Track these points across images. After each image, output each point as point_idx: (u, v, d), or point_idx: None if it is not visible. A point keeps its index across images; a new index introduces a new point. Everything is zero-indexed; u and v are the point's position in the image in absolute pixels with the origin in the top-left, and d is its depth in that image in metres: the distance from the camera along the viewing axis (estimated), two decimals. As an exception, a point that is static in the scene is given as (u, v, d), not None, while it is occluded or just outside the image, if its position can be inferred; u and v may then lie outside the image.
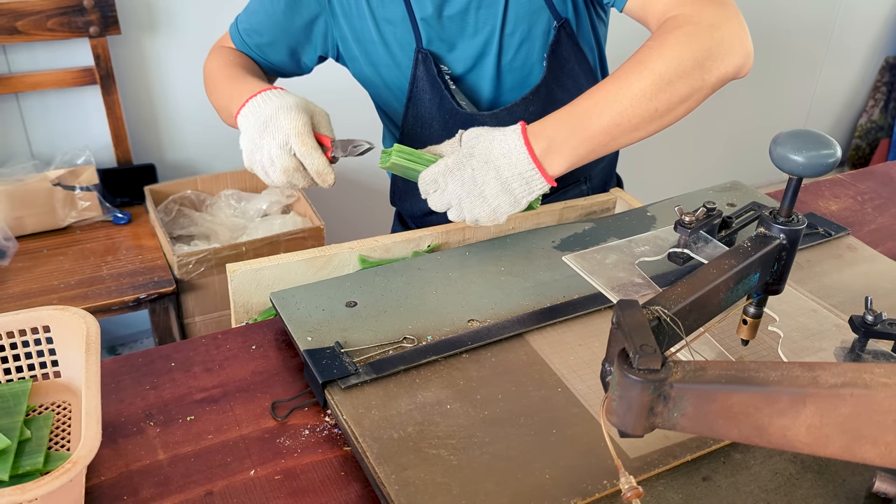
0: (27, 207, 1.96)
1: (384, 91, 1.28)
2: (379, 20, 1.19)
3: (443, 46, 1.20)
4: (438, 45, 1.19)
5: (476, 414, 0.82)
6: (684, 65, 0.95)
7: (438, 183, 0.98)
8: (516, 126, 0.98)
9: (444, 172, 0.98)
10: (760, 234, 0.78)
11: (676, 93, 0.95)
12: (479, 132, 0.99)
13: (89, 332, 0.82)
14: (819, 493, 0.76)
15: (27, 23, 1.91)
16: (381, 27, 1.19)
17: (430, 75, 1.19)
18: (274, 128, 0.98)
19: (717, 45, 0.96)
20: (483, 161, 0.96)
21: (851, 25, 3.32)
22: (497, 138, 0.97)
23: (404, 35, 1.19)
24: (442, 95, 1.20)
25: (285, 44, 1.25)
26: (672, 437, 0.80)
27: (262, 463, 0.81)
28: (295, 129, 0.97)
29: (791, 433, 0.59)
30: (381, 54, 1.22)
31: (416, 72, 1.20)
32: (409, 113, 1.23)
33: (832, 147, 0.73)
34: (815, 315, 0.98)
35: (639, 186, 1.75)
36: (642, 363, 0.58)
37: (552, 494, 0.73)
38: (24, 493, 0.64)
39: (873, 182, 1.42)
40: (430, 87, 1.20)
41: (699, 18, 0.97)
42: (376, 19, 1.19)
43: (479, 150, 0.97)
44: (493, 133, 0.98)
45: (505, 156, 0.96)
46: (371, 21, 1.19)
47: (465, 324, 0.96)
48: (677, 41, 0.96)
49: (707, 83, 0.97)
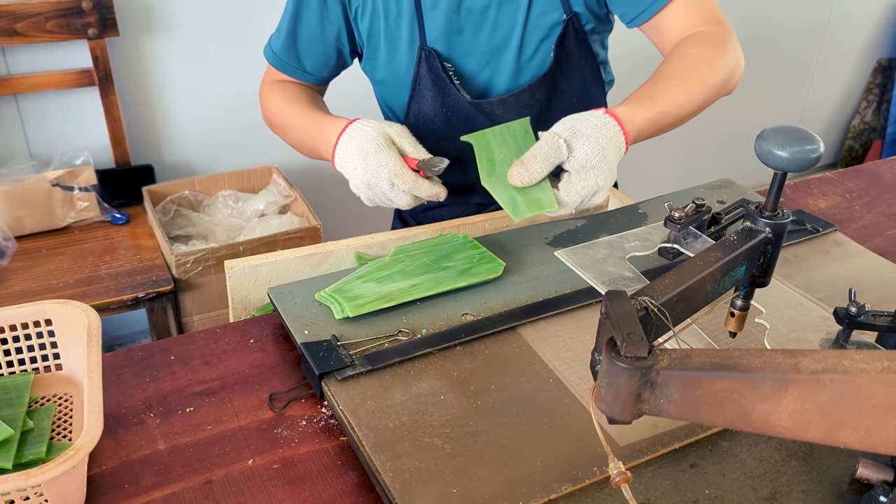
0: (26, 208, 1.97)
1: (388, 87, 1.30)
2: (389, 16, 1.21)
3: (458, 40, 1.22)
4: (454, 40, 1.22)
5: (469, 404, 0.84)
6: (724, 78, 1.12)
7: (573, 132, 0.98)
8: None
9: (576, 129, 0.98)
10: (746, 227, 0.80)
11: (711, 101, 1.13)
12: (571, 119, 0.99)
13: (90, 324, 0.84)
14: (803, 480, 0.78)
15: (26, 24, 1.92)
16: (390, 23, 1.22)
17: (434, 72, 1.21)
18: (376, 175, 1.02)
19: (737, 62, 1.14)
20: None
21: (844, 27, 3.35)
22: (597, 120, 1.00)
23: (411, 31, 1.21)
24: (445, 91, 1.22)
25: (331, 55, 1.28)
26: (660, 426, 0.82)
27: (259, 452, 0.83)
28: (393, 171, 1.01)
29: (774, 418, 0.61)
30: (388, 50, 1.24)
31: (419, 69, 1.22)
32: (412, 109, 1.26)
33: (815, 142, 0.75)
34: (801, 308, 1.00)
35: (632, 187, 1.77)
36: (629, 351, 0.60)
37: (543, 481, 0.75)
38: (28, 478, 0.66)
39: (861, 180, 1.44)
40: (432, 83, 1.22)
41: (723, 39, 1.14)
42: (387, 15, 1.21)
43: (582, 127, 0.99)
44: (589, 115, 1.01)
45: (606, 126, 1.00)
46: (382, 17, 1.22)
47: (458, 317, 0.98)
48: (722, 58, 1.12)
49: (725, 93, 1.15)
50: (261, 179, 2.31)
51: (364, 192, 1.05)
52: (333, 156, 1.08)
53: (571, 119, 0.99)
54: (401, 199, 1.03)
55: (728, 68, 1.12)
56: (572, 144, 0.96)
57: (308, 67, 1.29)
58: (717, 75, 1.11)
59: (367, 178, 1.03)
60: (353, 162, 1.05)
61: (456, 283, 1.02)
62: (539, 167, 0.95)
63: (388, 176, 1.01)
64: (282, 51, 1.28)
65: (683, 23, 1.16)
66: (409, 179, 1.01)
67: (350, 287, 1.00)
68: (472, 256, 1.07)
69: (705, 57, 1.10)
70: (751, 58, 3.41)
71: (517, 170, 0.96)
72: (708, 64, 1.10)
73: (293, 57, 1.28)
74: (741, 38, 1.18)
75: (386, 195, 1.03)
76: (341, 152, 1.07)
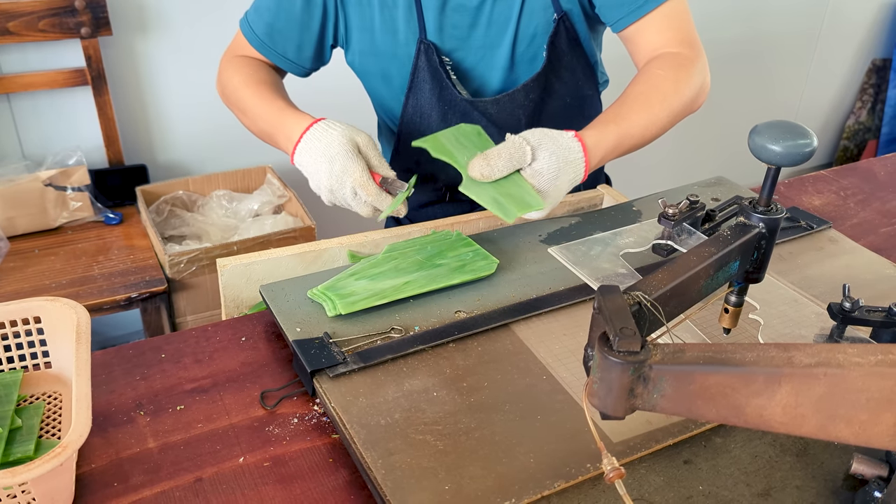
0: (18, 208, 1.96)
1: (382, 81, 1.29)
2: (383, 9, 1.20)
3: (453, 35, 1.22)
4: (449, 34, 1.22)
5: (462, 401, 0.84)
6: (688, 101, 1.16)
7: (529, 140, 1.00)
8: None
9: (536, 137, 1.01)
10: (740, 223, 0.80)
11: (675, 122, 1.16)
12: (542, 131, 1.03)
13: (80, 321, 0.83)
14: (798, 475, 0.77)
15: (19, 24, 1.91)
16: (384, 16, 1.21)
17: (432, 66, 1.21)
18: (340, 182, 1.03)
19: (703, 85, 1.18)
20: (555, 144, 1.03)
21: (839, 28, 3.36)
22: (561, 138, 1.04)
23: (408, 25, 1.20)
24: (442, 86, 1.22)
25: (308, 40, 1.25)
26: (654, 423, 0.81)
27: (251, 450, 0.82)
28: (358, 181, 1.02)
29: (767, 413, 0.60)
30: (383, 43, 1.24)
31: (417, 62, 1.22)
32: (409, 103, 1.26)
33: (809, 136, 0.75)
34: (795, 304, 1.00)
35: (627, 184, 1.77)
36: (622, 345, 0.60)
37: (536, 478, 0.75)
38: (14, 476, 0.65)
39: (856, 178, 1.44)
40: (430, 77, 1.22)
41: (694, 61, 1.17)
42: (382, 7, 1.20)
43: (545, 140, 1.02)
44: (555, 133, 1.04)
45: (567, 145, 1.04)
46: (377, 9, 1.21)
47: (452, 315, 0.97)
48: (687, 82, 1.15)
49: (690, 112, 1.19)
50: (255, 179, 2.30)
51: (325, 194, 1.06)
52: (294, 152, 1.08)
53: (542, 131, 1.02)
54: (361, 208, 1.05)
55: (692, 92, 1.16)
56: (536, 154, 0.99)
57: (288, 53, 1.26)
58: (681, 99, 1.14)
59: (330, 182, 1.04)
60: (316, 163, 1.05)
61: (449, 281, 1.01)
62: (501, 165, 0.97)
63: (353, 184, 1.02)
64: (261, 30, 1.25)
65: (657, 39, 1.19)
66: (373, 192, 1.03)
67: (343, 284, 1.00)
68: (466, 254, 1.06)
69: (671, 80, 1.14)
70: (746, 58, 3.41)
71: (479, 163, 0.97)
72: (673, 86, 1.14)
73: (272, 39, 1.25)
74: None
75: (347, 201, 1.05)
76: (304, 151, 1.07)
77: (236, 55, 1.29)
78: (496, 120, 1.25)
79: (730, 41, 3.05)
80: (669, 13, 1.18)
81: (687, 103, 1.16)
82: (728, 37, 3.04)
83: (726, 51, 3.05)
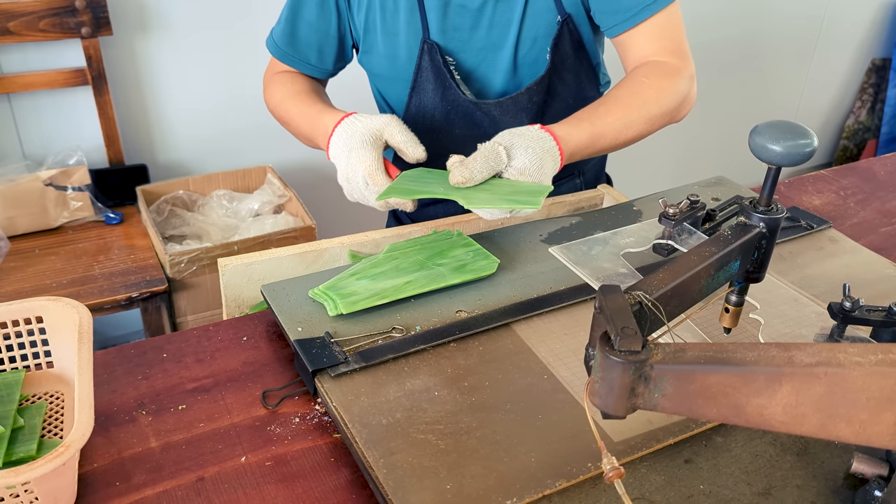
0: (19, 207, 1.96)
1: (387, 80, 1.30)
2: (387, 9, 1.21)
3: (455, 37, 1.22)
4: (451, 35, 1.22)
5: (463, 400, 0.84)
6: (669, 110, 1.17)
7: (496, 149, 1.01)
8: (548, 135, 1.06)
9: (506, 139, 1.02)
10: (741, 222, 0.80)
11: (655, 129, 1.17)
12: (510, 132, 1.04)
13: (82, 321, 0.83)
14: (798, 475, 0.77)
15: (19, 23, 1.92)
16: (388, 16, 1.22)
17: (436, 66, 1.22)
18: (353, 171, 1.05)
19: (687, 95, 1.19)
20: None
21: (838, 28, 3.36)
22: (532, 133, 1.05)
23: (411, 25, 1.21)
24: (446, 86, 1.22)
25: (328, 44, 1.28)
26: (655, 422, 0.81)
27: (252, 450, 0.82)
28: (368, 170, 1.04)
29: (768, 412, 0.60)
30: (387, 43, 1.24)
31: (420, 62, 1.22)
32: (412, 102, 1.26)
33: (809, 136, 0.75)
34: (796, 304, 1.00)
35: (627, 184, 1.77)
36: (623, 345, 0.60)
37: (537, 477, 0.75)
38: (17, 475, 0.65)
39: (856, 178, 1.44)
40: (434, 77, 1.22)
41: (680, 72, 1.18)
42: (384, 8, 1.21)
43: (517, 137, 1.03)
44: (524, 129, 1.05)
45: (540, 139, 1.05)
46: (378, 10, 1.21)
47: (453, 314, 0.97)
48: (669, 91, 1.16)
49: (673, 121, 1.21)
50: (255, 179, 2.30)
51: (344, 185, 1.08)
52: (328, 147, 1.11)
53: (510, 132, 1.03)
54: (371, 200, 1.06)
55: (674, 101, 1.17)
56: (511, 153, 1.00)
57: (310, 59, 1.30)
58: (660, 107, 1.15)
59: (346, 172, 1.06)
60: (339, 155, 1.08)
61: (450, 280, 1.01)
62: (480, 168, 0.98)
63: (363, 174, 1.04)
64: (283, 41, 1.29)
65: (647, 48, 1.20)
66: (380, 182, 1.03)
67: (344, 284, 1.00)
68: (467, 253, 1.07)
69: (654, 87, 1.15)
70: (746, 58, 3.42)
71: (458, 170, 0.98)
72: (656, 94, 1.15)
73: (294, 48, 1.29)
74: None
75: (360, 192, 1.06)
76: (333, 144, 1.10)
77: (275, 73, 1.34)
78: (500, 122, 1.26)
79: (730, 41, 3.06)
80: (662, 23, 1.19)
81: (667, 112, 1.17)
82: (728, 37, 3.04)
83: (726, 51, 3.06)
